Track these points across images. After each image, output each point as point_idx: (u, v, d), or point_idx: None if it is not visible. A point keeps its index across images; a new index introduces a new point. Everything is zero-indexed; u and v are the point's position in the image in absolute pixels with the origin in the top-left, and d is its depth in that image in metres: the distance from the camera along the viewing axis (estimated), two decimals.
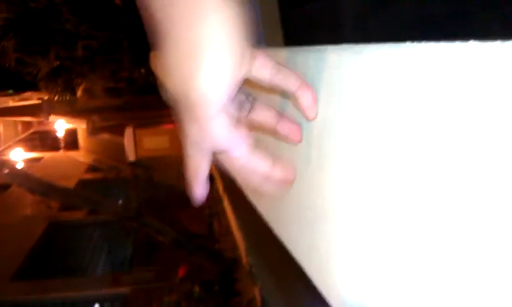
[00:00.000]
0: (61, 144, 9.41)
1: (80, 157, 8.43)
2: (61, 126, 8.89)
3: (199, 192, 0.37)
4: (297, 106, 0.36)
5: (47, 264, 4.84)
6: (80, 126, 8.18)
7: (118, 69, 6.43)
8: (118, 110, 7.27)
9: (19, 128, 9.74)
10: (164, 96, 0.35)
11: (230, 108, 0.34)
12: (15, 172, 5.21)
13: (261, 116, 0.38)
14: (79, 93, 7.15)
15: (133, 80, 6.54)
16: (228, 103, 0.33)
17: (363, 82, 0.29)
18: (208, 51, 0.31)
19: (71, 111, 7.46)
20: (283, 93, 0.39)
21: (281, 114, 0.39)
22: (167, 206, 5.37)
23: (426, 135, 0.24)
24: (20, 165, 7.88)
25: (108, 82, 6.94)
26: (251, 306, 2.67)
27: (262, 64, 0.34)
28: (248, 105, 0.37)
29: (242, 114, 0.37)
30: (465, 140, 0.21)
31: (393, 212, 0.28)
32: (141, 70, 6.03)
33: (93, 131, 7.46)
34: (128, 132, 6.32)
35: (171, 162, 5.73)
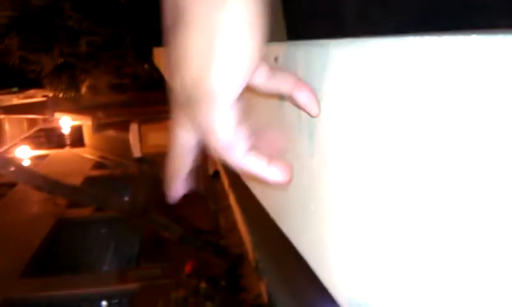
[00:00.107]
0: (67, 141, 9.45)
1: (86, 153, 8.46)
2: (66, 123, 8.92)
3: (177, 191, 0.37)
4: (298, 106, 0.35)
5: (54, 261, 4.88)
6: (86, 123, 8.20)
7: (122, 65, 6.45)
8: (122, 107, 7.28)
9: (24, 125, 9.78)
10: (169, 91, 0.35)
11: (239, 104, 0.32)
12: (22, 170, 5.23)
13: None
14: (83, 90, 7.18)
15: (137, 76, 6.55)
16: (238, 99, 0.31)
17: (366, 75, 0.29)
18: (231, 37, 0.29)
19: (76, 108, 7.48)
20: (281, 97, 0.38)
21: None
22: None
23: (430, 129, 0.23)
24: (26, 162, 7.93)
25: (112, 78, 6.97)
26: (257, 301, 2.68)
27: (256, 70, 0.33)
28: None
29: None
30: (467, 134, 0.21)
31: (398, 209, 0.27)
32: (144, 66, 6.04)
33: (98, 128, 7.48)
34: (134, 128, 6.32)
35: None
